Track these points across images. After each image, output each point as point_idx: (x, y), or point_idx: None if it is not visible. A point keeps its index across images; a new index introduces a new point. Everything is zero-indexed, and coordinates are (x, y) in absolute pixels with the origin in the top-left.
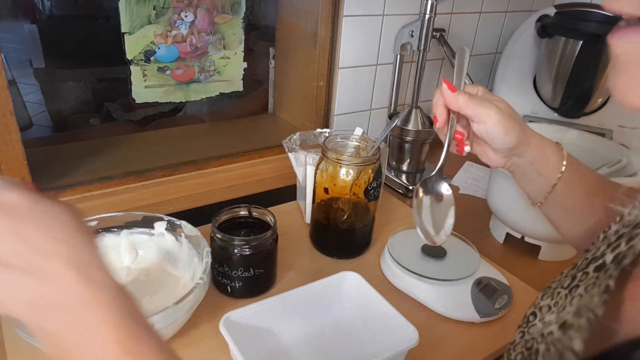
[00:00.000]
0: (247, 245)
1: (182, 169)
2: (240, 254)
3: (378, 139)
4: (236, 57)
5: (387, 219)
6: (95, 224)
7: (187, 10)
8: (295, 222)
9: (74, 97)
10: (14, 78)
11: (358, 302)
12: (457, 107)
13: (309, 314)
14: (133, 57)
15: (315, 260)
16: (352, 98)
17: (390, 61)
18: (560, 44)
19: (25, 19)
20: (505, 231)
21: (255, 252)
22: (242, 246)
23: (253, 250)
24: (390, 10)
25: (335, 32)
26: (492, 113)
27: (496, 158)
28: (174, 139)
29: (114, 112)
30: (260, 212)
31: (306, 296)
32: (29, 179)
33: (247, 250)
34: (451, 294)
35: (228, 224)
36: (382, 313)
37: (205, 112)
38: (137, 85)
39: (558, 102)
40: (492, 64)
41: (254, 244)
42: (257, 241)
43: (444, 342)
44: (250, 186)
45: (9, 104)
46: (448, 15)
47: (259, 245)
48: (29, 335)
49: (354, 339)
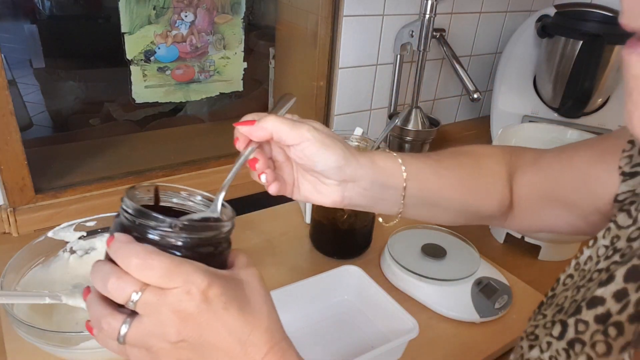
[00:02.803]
0: (181, 232)
1: (182, 169)
2: (159, 243)
3: (378, 139)
4: (236, 57)
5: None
6: (94, 224)
7: (187, 10)
8: (295, 222)
9: (74, 97)
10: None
11: (359, 295)
12: (267, 134)
13: (311, 306)
14: (133, 57)
15: (316, 260)
16: (352, 98)
17: (390, 61)
18: (560, 44)
19: (25, 19)
20: (505, 231)
21: (194, 250)
22: (165, 228)
23: (190, 243)
24: (390, 10)
25: (335, 32)
26: (304, 132)
27: (330, 191)
28: (174, 139)
29: (114, 112)
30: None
31: (308, 289)
32: (29, 179)
33: (179, 240)
34: (451, 294)
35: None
36: (382, 306)
37: (205, 112)
38: (137, 85)
39: (558, 102)
40: (492, 64)
41: (194, 235)
42: (200, 231)
43: (444, 342)
44: (250, 186)
45: (9, 104)
46: (448, 15)
47: (204, 241)
48: (29, 335)
49: (355, 330)
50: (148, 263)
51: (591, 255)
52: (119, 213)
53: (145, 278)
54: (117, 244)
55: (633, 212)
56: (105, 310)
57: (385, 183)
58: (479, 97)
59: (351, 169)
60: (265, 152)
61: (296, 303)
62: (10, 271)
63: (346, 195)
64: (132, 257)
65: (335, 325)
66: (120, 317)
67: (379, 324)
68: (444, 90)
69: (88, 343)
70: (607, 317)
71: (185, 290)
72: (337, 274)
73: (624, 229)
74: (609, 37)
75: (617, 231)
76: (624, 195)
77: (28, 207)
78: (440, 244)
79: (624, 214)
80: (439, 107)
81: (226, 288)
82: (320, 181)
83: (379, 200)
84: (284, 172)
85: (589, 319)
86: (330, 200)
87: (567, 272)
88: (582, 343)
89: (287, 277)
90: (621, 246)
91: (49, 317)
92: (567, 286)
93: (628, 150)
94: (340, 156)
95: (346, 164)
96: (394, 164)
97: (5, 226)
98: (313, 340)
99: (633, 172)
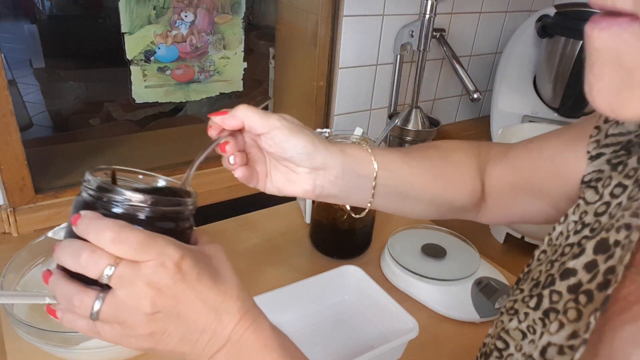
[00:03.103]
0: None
1: (182, 169)
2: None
3: (378, 139)
4: (236, 57)
5: (387, 219)
6: None
7: (187, 10)
8: (295, 222)
9: (74, 97)
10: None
11: (359, 295)
12: (238, 122)
13: (311, 306)
14: (133, 57)
15: (315, 260)
16: (352, 98)
17: (390, 61)
18: (560, 44)
19: (25, 19)
20: (505, 231)
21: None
22: (132, 203)
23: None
24: (390, 10)
25: (335, 32)
26: (274, 120)
27: (302, 179)
28: (174, 139)
29: (114, 112)
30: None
31: (308, 289)
32: (29, 179)
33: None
34: (451, 294)
35: None
36: (382, 306)
37: (205, 112)
38: (137, 85)
39: (558, 102)
40: (492, 64)
41: (160, 209)
42: (167, 206)
43: (444, 342)
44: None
45: (9, 104)
46: (448, 15)
47: (171, 216)
48: (29, 335)
49: (355, 330)
50: (122, 236)
51: (562, 230)
52: (81, 191)
53: (119, 252)
54: (85, 220)
55: (600, 189)
56: (75, 288)
57: (356, 171)
58: (479, 97)
59: (321, 156)
60: (238, 142)
61: (296, 303)
62: (10, 271)
63: (318, 183)
64: (106, 231)
65: (335, 325)
66: (93, 293)
67: (379, 324)
68: (444, 90)
69: (88, 343)
70: (579, 286)
71: (160, 262)
72: (337, 274)
73: (592, 204)
74: None
75: (585, 207)
76: (589, 176)
77: (28, 207)
78: (440, 244)
79: (592, 191)
80: (439, 107)
81: (197, 260)
82: (292, 170)
83: (352, 189)
84: (256, 164)
85: (562, 290)
86: (302, 190)
87: (541, 248)
88: (557, 312)
89: (287, 277)
90: (589, 221)
91: (49, 317)
92: (541, 261)
93: (595, 135)
94: (309, 142)
95: (315, 150)
96: (363, 153)
97: (5, 226)
98: (313, 340)
99: (598, 154)
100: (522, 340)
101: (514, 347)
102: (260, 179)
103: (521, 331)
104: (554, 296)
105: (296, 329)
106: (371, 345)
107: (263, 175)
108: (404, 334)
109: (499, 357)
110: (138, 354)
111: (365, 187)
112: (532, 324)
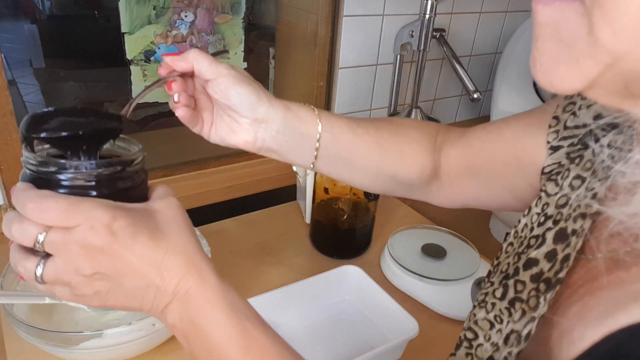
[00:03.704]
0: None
1: (182, 169)
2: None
3: None
4: (236, 57)
5: (387, 219)
6: None
7: (187, 10)
8: (295, 222)
9: (74, 97)
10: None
11: (359, 295)
12: (188, 64)
13: (311, 306)
14: (133, 57)
15: (315, 260)
16: (352, 98)
17: (390, 61)
18: None
19: (25, 19)
20: (505, 231)
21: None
22: (67, 172)
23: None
24: (390, 10)
25: (335, 32)
26: (222, 68)
27: (243, 130)
28: (174, 139)
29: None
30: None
31: (308, 289)
32: None
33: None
34: (451, 294)
35: None
36: (382, 305)
37: None
38: (137, 85)
39: None
40: (492, 64)
41: (99, 172)
42: (104, 168)
43: (444, 342)
44: (250, 186)
45: (9, 104)
46: (448, 15)
47: (113, 177)
48: (29, 335)
49: (355, 330)
50: (43, 206)
51: (527, 222)
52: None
53: (43, 220)
54: (16, 192)
55: (559, 181)
56: (20, 255)
57: (298, 129)
58: (479, 97)
59: (264, 109)
60: (188, 87)
61: (296, 303)
62: (11, 271)
63: (259, 136)
64: (27, 202)
65: (335, 325)
66: (35, 259)
67: (379, 324)
68: (444, 90)
69: (88, 343)
70: (541, 275)
71: (89, 226)
72: (337, 274)
73: (553, 196)
74: None
75: (546, 199)
76: (550, 168)
77: None
78: (440, 244)
79: (552, 183)
80: (439, 107)
81: (133, 218)
82: (235, 120)
83: (293, 147)
84: (203, 111)
85: (525, 279)
86: (243, 140)
87: (508, 240)
88: (521, 301)
89: (287, 277)
90: (551, 212)
91: (49, 317)
92: (509, 253)
93: (554, 126)
94: (253, 93)
95: (258, 101)
96: (308, 113)
97: None
98: (313, 340)
99: (558, 146)
100: (490, 329)
101: (483, 336)
102: (205, 126)
103: (489, 321)
104: (519, 286)
105: (296, 329)
106: (371, 345)
107: (208, 123)
108: (404, 334)
109: (468, 347)
110: (139, 353)
111: (308, 148)
112: (499, 313)
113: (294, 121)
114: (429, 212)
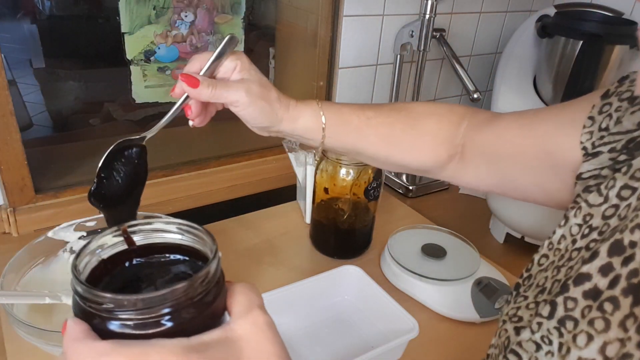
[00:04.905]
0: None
1: (182, 169)
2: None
3: None
4: None
5: (387, 219)
6: (94, 224)
7: (187, 10)
8: (295, 222)
9: (74, 97)
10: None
11: (359, 295)
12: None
13: (311, 306)
14: (133, 57)
15: (315, 260)
16: (352, 98)
17: (390, 61)
18: (560, 44)
19: (25, 19)
20: (505, 231)
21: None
22: (114, 314)
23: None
24: (390, 10)
25: (335, 32)
26: (240, 97)
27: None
28: (174, 139)
29: (114, 112)
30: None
31: (308, 289)
32: (29, 179)
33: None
34: (451, 294)
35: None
36: (382, 305)
37: None
38: (137, 85)
39: (558, 102)
40: (492, 64)
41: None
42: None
43: (444, 342)
44: (250, 186)
45: (9, 104)
46: (448, 15)
47: (178, 305)
48: (29, 335)
49: (355, 330)
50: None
51: (564, 234)
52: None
53: None
54: (66, 341)
55: (603, 191)
56: None
57: (303, 137)
58: (479, 97)
59: (275, 129)
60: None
61: (296, 303)
62: (10, 271)
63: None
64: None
65: (335, 325)
66: None
67: (379, 324)
68: (444, 90)
69: None
70: (596, 292)
71: None
72: (337, 274)
73: (596, 207)
74: (609, 37)
75: (588, 209)
76: (588, 174)
77: (28, 207)
78: (440, 244)
79: (595, 194)
80: None
81: (212, 359)
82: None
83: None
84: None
85: (577, 296)
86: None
87: (540, 252)
88: (573, 320)
89: (287, 277)
90: (597, 224)
91: (49, 317)
92: (544, 266)
93: (588, 126)
94: (266, 120)
95: (271, 126)
96: (315, 124)
97: (5, 226)
98: (313, 340)
99: (596, 152)
100: (537, 352)
101: (528, 359)
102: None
103: (535, 342)
104: (569, 303)
105: (296, 328)
106: (371, 345)
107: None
108: (404, 334)
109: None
110: None
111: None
112: (547, 334)
113: (299, 133)
114: (429, 212)
